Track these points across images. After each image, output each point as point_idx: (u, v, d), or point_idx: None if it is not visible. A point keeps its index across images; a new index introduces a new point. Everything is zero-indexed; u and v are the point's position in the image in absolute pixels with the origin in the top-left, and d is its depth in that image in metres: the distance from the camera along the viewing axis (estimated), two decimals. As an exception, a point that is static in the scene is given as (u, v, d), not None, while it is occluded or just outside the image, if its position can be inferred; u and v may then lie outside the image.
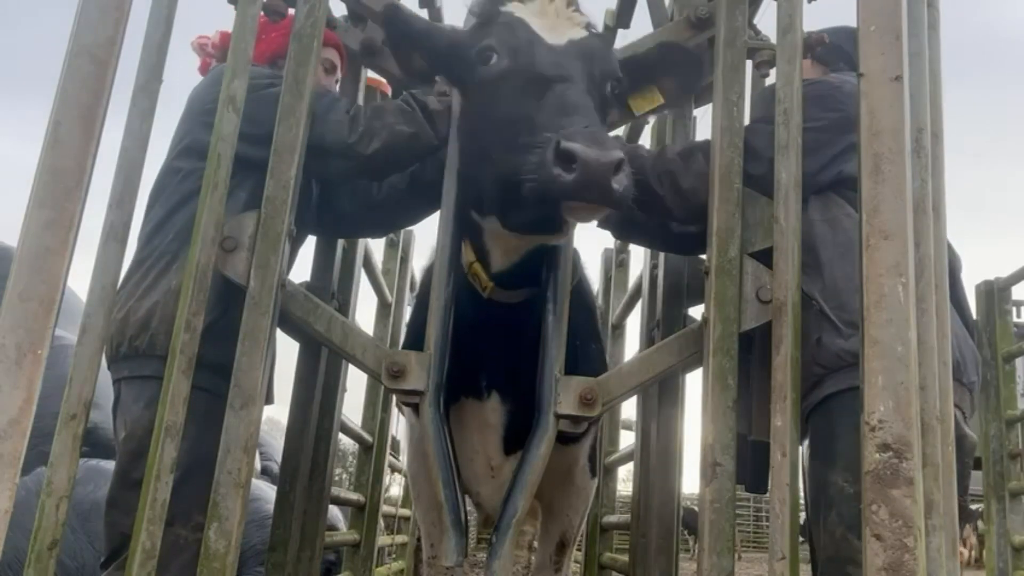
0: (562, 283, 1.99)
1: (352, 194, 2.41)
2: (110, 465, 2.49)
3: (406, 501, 5.86)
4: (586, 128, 1.53)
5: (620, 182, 1.48)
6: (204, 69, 2.56)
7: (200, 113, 2.19)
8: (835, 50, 2.39)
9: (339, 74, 2.52)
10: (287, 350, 2.31)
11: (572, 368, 1.97)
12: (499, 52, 1.82)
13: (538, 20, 1.85)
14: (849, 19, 1.64)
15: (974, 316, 2.67)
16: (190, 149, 2.20)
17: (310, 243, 2.48)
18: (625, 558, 3.05)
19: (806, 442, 2.07)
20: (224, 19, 2.42)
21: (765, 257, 1.86)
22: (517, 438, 2.05)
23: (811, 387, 2.00)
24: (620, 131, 3.19)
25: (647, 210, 2.06)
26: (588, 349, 2.32)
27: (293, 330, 2.11)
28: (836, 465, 1.92)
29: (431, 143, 2.12)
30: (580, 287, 2.31)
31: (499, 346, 2.10)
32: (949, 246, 1.97)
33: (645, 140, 3.45)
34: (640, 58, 2.08)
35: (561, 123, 1.56)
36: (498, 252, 1.98)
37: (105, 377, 2.06)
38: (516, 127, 1.66)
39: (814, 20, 2.05)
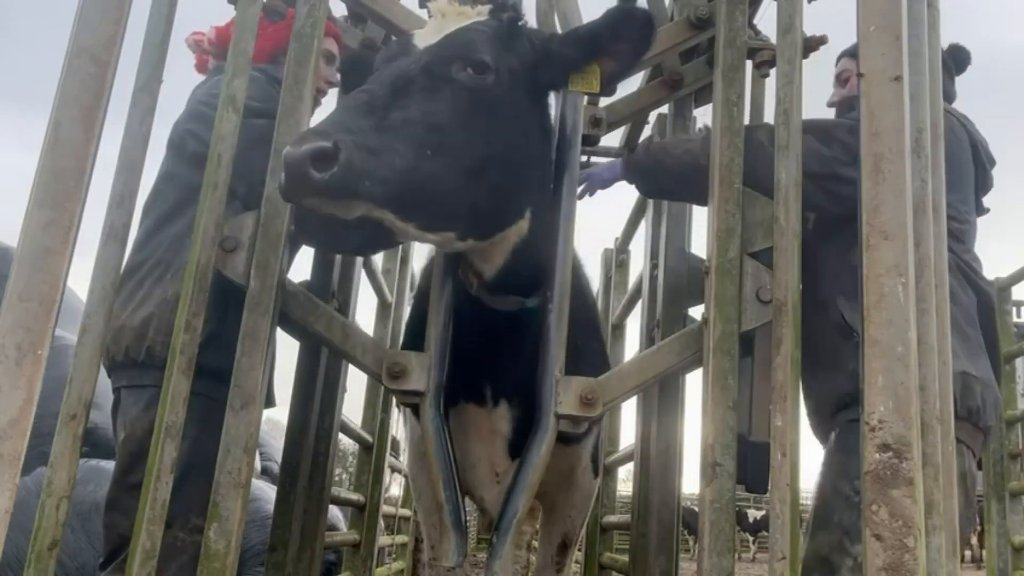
0: (562, 283, 1.99)
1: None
2: (110, 465, 2.48)
3: (406, 501, 5.86)
4: (319, 125, 1.48)
5: (325, 169, 1.39)
6: (201, 66, 2.54)
7: (202, 118, 2.18)
8: None
9: (338, 63, 2.53)
10: (287, 350, 2.31)
11: (573, 367, 1.97)
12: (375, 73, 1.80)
13: (430, 25, 1.83)
14: (849, 19, 1.64)
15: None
16: (187, 154, 2.19)
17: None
18: (625, 558, 3.05)
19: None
20: (224, 18, 2.43)
21: (765, 257, 1.86)
22: (522, 444, 2.05)
23: (838, 409, 2.05)
24: (620, 131, 3.19)
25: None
26: (589, 348, 2.31)
27: (293, 330, 2.11)
28: (848, 475, 1.96)
29: None
30: (580, 286, 2.30)
31: (498, 353, 2.09)
32: (984, 279, 2.04)
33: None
34: (583, 32, 1.94)
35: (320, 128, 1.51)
36: (472, 258, 1.94)
37: (105, 377, 2.07)
38: None
39: (814, 20, 2.05)
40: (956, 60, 2.65)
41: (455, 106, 1.68)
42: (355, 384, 3.12)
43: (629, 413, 3.39)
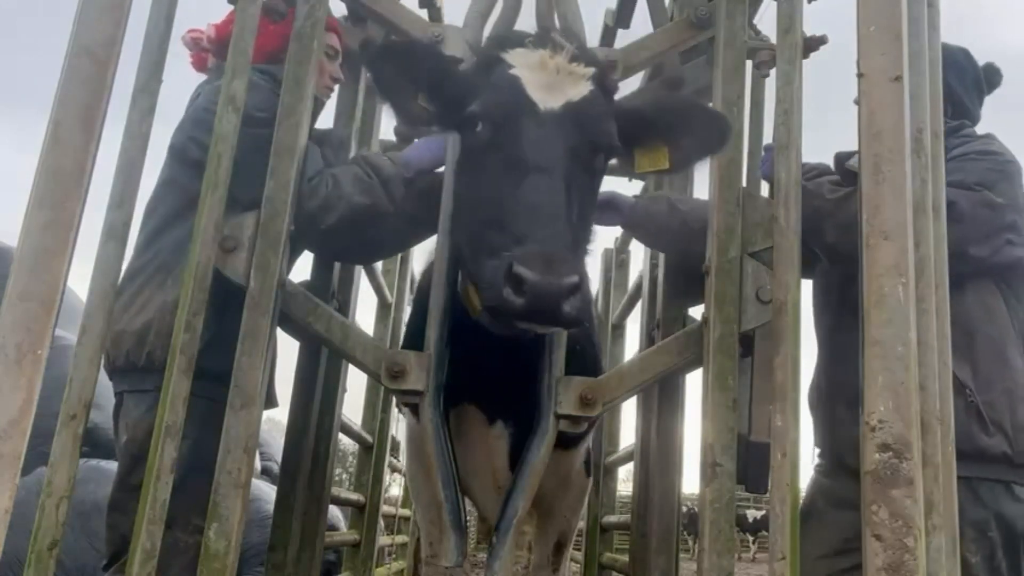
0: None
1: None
2: (110, 465, 2.48)
3: (406, 501, 5.86)
4: (543, 248, 1.50)
5: (573, 305, 1.47)
6: (199, 64, 2.52)
7: (204, 125, 2.16)
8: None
9: (341, 59, 2.50)
10: (287, 350, 2.31)
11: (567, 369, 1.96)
12: (484, 120, 1.76)
13: (536, 75, 1.76)
14: (849, 19, 1.64)
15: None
16: (190, 161, 2.18)
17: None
18: (625, 558, 3.05)
19: None
20: (222, 16, 2.42)
21: (765, 257, 1.86)
22: (516, 452, 2.05)
23: None
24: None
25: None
26: (584, 352, 2.31)
27: (293, 330, 2.11)
28: None
29: (387, 210, 2.07)
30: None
31: (493, 360, 2.06)
32: None
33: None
34: (657, 111, 1.93)
35: (525, 230, 1.54)
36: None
37: (105, 377, 2.07)
38: (490, 216, 1.65)
39: (814, 20, 2.05)
40: (988, 81, 2.59)
41: (595, 196, 1.88)
42: (355, 384, 3.12)
43: (629, 413, 3.39)
